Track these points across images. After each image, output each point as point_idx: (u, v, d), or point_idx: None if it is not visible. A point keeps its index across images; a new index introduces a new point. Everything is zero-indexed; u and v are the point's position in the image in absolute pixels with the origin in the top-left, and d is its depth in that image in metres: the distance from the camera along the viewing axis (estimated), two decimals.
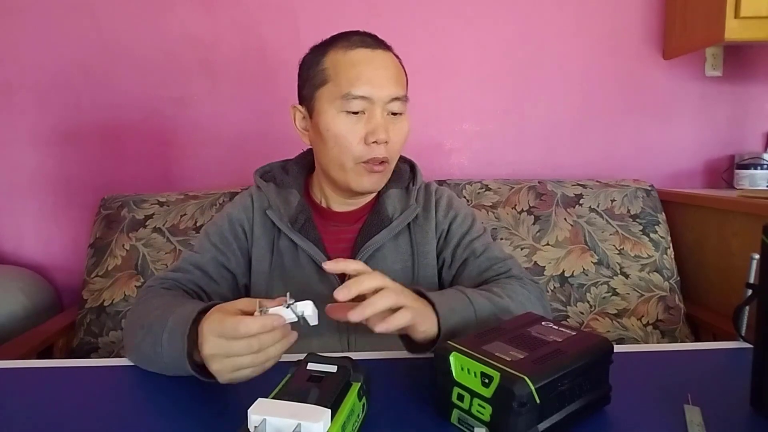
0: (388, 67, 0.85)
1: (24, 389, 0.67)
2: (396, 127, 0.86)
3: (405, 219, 0.91)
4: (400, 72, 0.88)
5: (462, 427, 0.55)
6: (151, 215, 1.54)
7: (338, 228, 0.92)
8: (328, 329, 0.90)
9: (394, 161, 0.89)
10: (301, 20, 1.69)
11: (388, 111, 0.85)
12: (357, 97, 0.82)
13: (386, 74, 0.84)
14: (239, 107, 1.71)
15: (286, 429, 0.44)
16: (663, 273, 1.51)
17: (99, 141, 1.72)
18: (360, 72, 0.82)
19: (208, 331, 0.59)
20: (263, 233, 0.92)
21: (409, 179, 0.97)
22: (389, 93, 0.83)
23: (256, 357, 0.57)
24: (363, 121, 0.83)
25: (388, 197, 0.92)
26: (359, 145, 0.83)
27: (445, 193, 0.98)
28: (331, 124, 0.84)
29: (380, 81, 0.83)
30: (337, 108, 0.83)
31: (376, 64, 0.84)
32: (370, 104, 0.83)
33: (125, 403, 0.64)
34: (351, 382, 0.53)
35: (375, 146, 0.83)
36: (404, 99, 0.86)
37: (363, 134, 0.83)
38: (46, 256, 1.75)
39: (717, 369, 0.71)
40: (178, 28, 1.69)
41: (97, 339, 1.43)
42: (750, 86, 1.78)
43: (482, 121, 1.78)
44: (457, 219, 0.94)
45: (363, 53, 0.84)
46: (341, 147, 0.84)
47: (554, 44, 1.75)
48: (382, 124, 0.83)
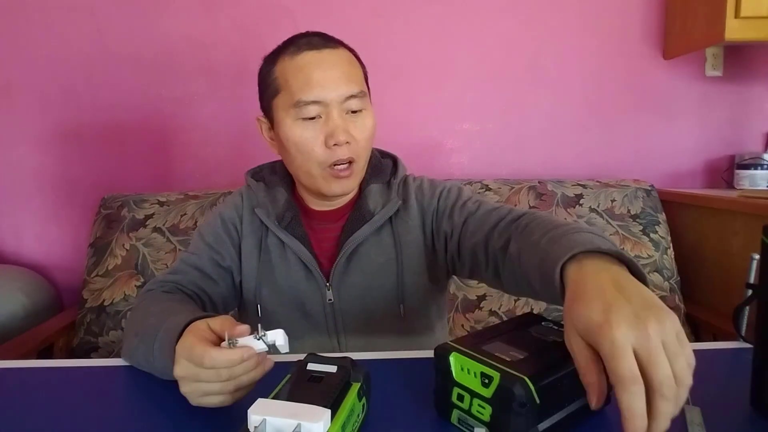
0: (337, 66, 0.82)
1: (24, 389, 0.67)
2: (357, 124, 0.84)
3: (386, 213, 0.90)
4: (353, 67, 0.85)
5: (462, 428, 0.54)
6: (152, 215, 1.54)
7: (323, 226, 0.92)
8: (318, 330, 0.91)
9: (363, 158, 0.86)
10: (300, 20, 1.69)
11: (346, 110, 0.83)
12: (309, 102, 0.80)
13: (336, 73, 0.81)
14: (239, 107, 1.71)
15: (286, 429, 0.44)
16: (663, 273, 1.50)
17: (99, 141, 1.72)
18: (308, 76, 0.80)
19: (179, 352, 0.58)
20: (251, 231, 0.92)
21: (391, 174, 0.95)
22: (342, 92, 0.81)
23: (225, 385, 0.56)
24: (321, 125, 0.82)
25: (369, 192, 0.91)
26: (321, 149, 0.82)
27: (424, 178, 0.97)
28: (289, 133, 0.83)
29: (330, 82, 0.80)
30: (293, 117, 0.82)
31: (324, 65, 0.81)
32: (324, 107, 0.81)
33: (125, 403, 0.64)
34: (351, 382, 0.53)
35: (337, 149, 0.81)
36: (360, 95, 0.83)
37: (323, 138, 0.81)
38: (47, 256, 1.75)
39: (717, 369, 0.71)
40: (178, 28, 1.69)
41: (97, 338, 1.44)
42: (750, 86, 1.78)
43: (482, 121, 1.78)
44: (444, 193, 0.92)
45: (309, 56, 0.81)
46: (303, 155, 0.83)
47: (554, 44, 1.75)
48: (340, 125, 0.81)
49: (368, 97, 0.88)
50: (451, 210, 0.89)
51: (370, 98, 0.89)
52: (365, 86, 0.87)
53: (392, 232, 0.91)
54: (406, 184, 0.95)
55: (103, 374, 0.72)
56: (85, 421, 0.59)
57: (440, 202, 0.91)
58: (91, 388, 0.67)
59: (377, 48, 1.68)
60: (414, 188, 0.94)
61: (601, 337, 0.43)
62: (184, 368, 0.57)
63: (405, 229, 0.91)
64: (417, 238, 0.91)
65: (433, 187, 0.94)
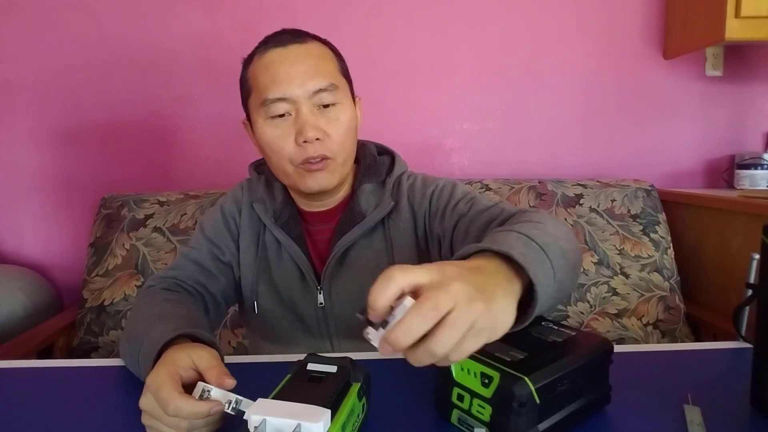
0: (304, 60, 0.79)
1: (24, 389, 0.67)
2: (330, 119, 0.81)
3: (378, 215, 0.87)
4: (323, 61, 0.82)
5: (462, 427, 0.54)
6: (152, 215, 1.54)
7: (316, 227, 0.90)
8: (311, 333, 0.91)
9: (341, 155, 0.83)
10: (300, 19, 1.68)
11: (316, 105, 0.80)
12: (275, 100, 0.79)
13: (302, 68, 0.79)
14: (239, 107, 1.71)
15: (286, 429, 0.44)
16: (663, 273, 1.50)
17: (99, 140, 1.72)
18: (273, 74, 0.79)
19: (149, 384, 0.55)
20: (250, 225, 0.91)
21: (387, 172, 0.92)
22: (309, 87, 0.79)
23: None
24: (291, 123, 0.80)
25: (361, 192, 0.89)
26: (292, 147, 0.80)
27: (418, 177, 0.93)
28: (261, 133, 0.82)
29: (296, 77, 0.78)
30: (263, 116, 0.81)
31: (289, 61, 0.79)
32: (292, 104, 0.79)
33: (125, 403, 0.64)
34: (351, 382, 0.53)
35: (307, 146, 0.79)
36: (331, 88, 0.80)
37: (294, 136, 0.80)
38: (47, 256, 1.75)
39: (717, 369, 0.71)
40: (178, 27, 1.69)
41: (97, 338, 1.44)
42: (750, 86, 1.78)
43: (483, 121, 1.77)
44: (435, 193, 0.88)
45: (275, 54, 0.80)
46: (276, 154, 0.81)
47: (554, 44, 1.75)
48: (310, 121, 0.78)
49: (346, 90, 0.85)
50: (443, 212, 0.85)
51: (351, 91, 0.87)
52: (340, 79, 0.84)
53: (384, 234, 0.88)
54: (399, 184, 0.91)
55: (103, 374, 0.72)
56: (85, 421, 0.59)
57: (432, 202, 0.88)
58: (91, 388, 0.67)
59: (377, 47, 1.68)
60: (407, 188, 0.90)
61: (434, 290, 0.43)
62: (148, 404, 0.55)
63: (397, 231, 0.88)
64: (409, 240, 0.88)
65: (425, 186, 0.90)
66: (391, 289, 0.43)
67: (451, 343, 0.42)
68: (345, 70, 0.87)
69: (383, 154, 0.96)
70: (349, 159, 0.87)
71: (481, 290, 0.44)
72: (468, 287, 0.43)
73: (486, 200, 0.83)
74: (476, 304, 0.43)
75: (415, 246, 0.88)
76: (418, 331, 0.41)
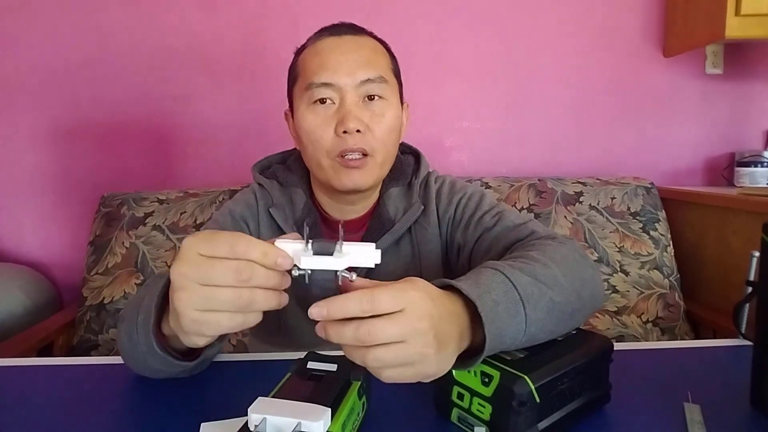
0: (356, 50, 0.77)
1: (24, 387, 0.67)
2: (375, 113, 0.77)
3: (407, 221, 0.83)
4: (376, 53, 0.80)
5: (462, 426, 0.54)
6: (151, 213, 1.54)
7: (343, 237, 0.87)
8: (337, 347, 0.86)
9: (380, 153, 0.78)
10: (300, 17, 1.68)
11: (363, 96, 0.77)
12: (319, 85, 0.75)
13: (353, 57, 0.76)
14: (239, 105, 1.71)
15: (287, 428, 0.44)
16: (663, 270, 1.51)
17: (99, 138, 1.71)
18: (323, 60, 0.76)
19: (188, 247, 0.46)
20: (270, 234, 0.84)
21: (413, 173, 0.88)
22: (357, 76, 0.76)
23: (239, 295, 0.45)
24: (333, 111, 0.76)
25: (389, 197, 0.85)
26: (330, 137, 0.76)
27: (447, 180, 0.89)
28: (302, 120, 0.78)
29: (345, 65, 0.76)
30: (306, 102, 0.78)
31: (341, 49, 0.77)
32: (337, 92, 0.76)
33: (125, 402, 0.64)
34: (351, 380, 0.53)
35: (347, 137, 0.75)
36: (379, 80, 0.77)
37: (334, 125, 0.76)
38: (46, 254, 1.75)
39: (717, 366, 0.71)
40: (177, 24, 1.68)
41: (97, 336, 1.44)
42: (750, 84, 1.78)
43: (482, 119, 1.77)
44: (462, 201, 0.84)
45: (328, 42, 0.78)
46: (313, 143, 0.77)
47: (554, 42, 1.75)
48: (353, 111, 0.75)
49: (395, 89, 0.82)
50: (467, 221, 0.82)
51: (400, 94, 0.84)
52: (391, 76, 0.81)
53: (411, 241, 0.84)
54: (427, 186, 0.87)
55: (103, 372, 0.71)
56: (85, 420, 0.59)
57: (457, 210, 0.84)
58: (91, 387, 0.67)
59: None
60: (434, 192, 0.86)
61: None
62: (191, 264, 0.45)
63: (425, 237, 0.84)
64: (436, 248, 0.85)
65: (452, 192, 0.86)
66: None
67: (384, 338, 0.44)
68: (397, 71, 0.84)
69: (406, 153, 0.92)
70: (388, 161, 0.82)
71: (439, 339, 0.46)
72: (430, 326, 0.45)
73: (515, 216, 0.79)
74: (428, 347, 0.45)
75: (441, 253, 0.85)
76: (352, 312, 0.44)
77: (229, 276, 0.44)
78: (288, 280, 0.48)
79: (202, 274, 0.45)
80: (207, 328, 0.46)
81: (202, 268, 0.45)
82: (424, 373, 0.47)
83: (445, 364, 0.48)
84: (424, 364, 0.46)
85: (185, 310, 0.46)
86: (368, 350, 0.44)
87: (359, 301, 0.44)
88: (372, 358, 0.44)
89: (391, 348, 0.44)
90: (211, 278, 0.45)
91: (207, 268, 0.45)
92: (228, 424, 0.55)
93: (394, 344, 0.44)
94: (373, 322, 0.44)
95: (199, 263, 0.45)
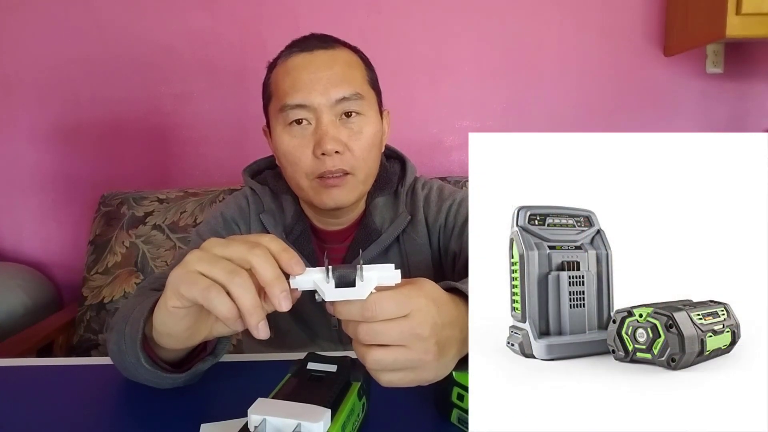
0: (328, 67, 0.74)
1: (24, 387, 0.67)
2: (353, 131, 0.75)
3: (394, 231, 0.82)
4: (350, 67, 0.77)
5: (462, 427, 0.55)
6: (151, 212, 1.54)
7: (329, 246, 0.85)
8: (320, 321, 0.86)
9: (362, 171, 0.77)
10: (300, 17, 1.68)
11: (339, 114, 0.75)
12: (294, 106, 0.73)
13: (327, 75, 0.74)
14: (239, 104, 1.71)
15: (286, 429, 0.44)
16: None
17: (98, 138, 1.71)
18: (294, 79, 0.74)
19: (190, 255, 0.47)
20: None
21: (399, 181, 0.86)
22: (332, 95, 0.73)
23: (234, 269, 0.45)
24: (310, 132, 0.74)
25: (375, 207, 0.83)
26: (309, 159, 0.74)
27: (434, 186, 0.87)
28: (279, 142, 0.77)
29: (318, 85, 0.73)
30: (282, 123, 0.76)
31: (313, 66, 0.74)
32: (312, 112, 0.74)
33: (125, 402, 0.64)
34: (351, 381, 0.53)
35: (326, 158, 0.73)
36: (355, 97, 0.75)
37: (312, 147, 0.74)
38: (46, 254, 1.75)
39: None
40: (177, 24, 1.68)
41: (97, 336, 1.44)
42: (751, 84, 1.78)
43: (482, 118, 1.77)
44: (452, 207, 0.83)
45: (299, 59, 0.75)
46: (292, 165, 0.76)
47: (554, 41, 1.75)
48: (330, 132, 0.73)
49: (373, 101, 0.80)
50: (461, 228, 0.81)
51: (379, 104, 0.83)
52: (367, 89, 0.79)
53: (400, 251, 0.83)
54: (414, 194, 0.86)
55: (102, 372, 0.71)
56: (84, 419, 0.59)
57: (448, 218, 0.83)
58: (91, 386, 0.67)
59: (377, 45, 1.66)
60: (422, 199, 0.85)
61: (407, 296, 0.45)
62: (197, 254, 0.47)
63: (413, 247, 0.83)
64: (425, 258, 0.83)
65: (441, 199, 0.85)
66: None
67: (384, 339, 0.44)
68: (374, 81, 0.82)
69: (391, 158, 0.90)
70: (371, 176, 0.81)
71: (441, 345, 0.46)
72: (432, 333, 0.45)
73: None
74: (428, 354, 0.45)
75: (431, 263, 0.84)
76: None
77: (242, 248, 0.46)
78: (288, 297, 0.46)
79: (221, 248, 0.47)
80: (185, 288, 0.46)
81: (222, 243, 0.47)
82: (423, 379, 0.47)
83: (444, 369, 0.48)
84: (423, 369, 0.46)
85: (188, 264, 0.47)
86: (368, 350, 0.44)
87: (362, 307, 0.44)
88: (371, 360, 0.44)
89: (391, 351, 0.44)
90: (225, 250, 0.47)
91: (225, 244, 0.47)
92: (228, 424, 0.55)
93: (394, 347, 0.44)
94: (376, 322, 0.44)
95: (220, 242, 0.47)
